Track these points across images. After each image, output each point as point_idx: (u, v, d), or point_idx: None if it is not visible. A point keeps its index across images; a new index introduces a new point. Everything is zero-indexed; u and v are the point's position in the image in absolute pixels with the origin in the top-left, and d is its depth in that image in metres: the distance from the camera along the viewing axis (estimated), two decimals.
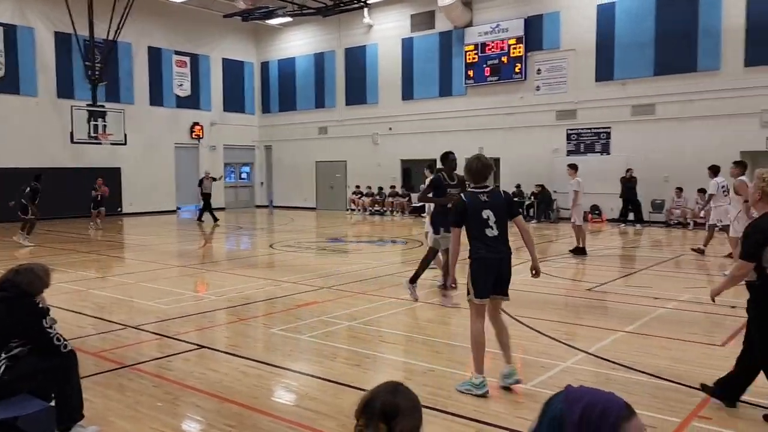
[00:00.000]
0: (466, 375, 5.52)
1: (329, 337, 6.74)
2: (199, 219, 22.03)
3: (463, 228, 5.05)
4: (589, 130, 21.17)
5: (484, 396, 4.80)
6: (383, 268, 11.43)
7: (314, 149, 28.70)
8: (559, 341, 6.36)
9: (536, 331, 6.84)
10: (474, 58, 23.33)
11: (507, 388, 4.99)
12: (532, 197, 21.63)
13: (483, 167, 5.09)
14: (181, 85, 27.51)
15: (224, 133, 29.28)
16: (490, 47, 22.89)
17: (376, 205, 25.63)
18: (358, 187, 26.72)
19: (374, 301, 8.52)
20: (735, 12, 18.14)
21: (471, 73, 23.44)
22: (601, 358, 5.79)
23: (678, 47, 19.02)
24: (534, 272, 5.19)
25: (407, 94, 25.42)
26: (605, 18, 20.39)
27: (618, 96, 20.30)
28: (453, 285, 8.29)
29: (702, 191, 18.20)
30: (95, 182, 20.53)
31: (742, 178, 10.24)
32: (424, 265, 8.67)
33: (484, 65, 23.08)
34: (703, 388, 4.77)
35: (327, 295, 8.96)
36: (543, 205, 21.37)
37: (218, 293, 9.26)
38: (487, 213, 4.93)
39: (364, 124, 26.70)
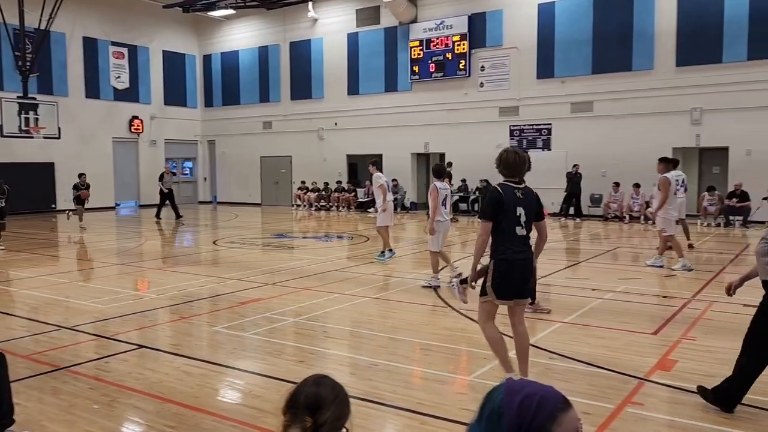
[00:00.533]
0: (409, 368, 5.58)
1: (273, 334, 6.68)
2: (178, 215, 20.51)
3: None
4: (531, 127, 21.65)
5: None
6: (329, 264, 11.40)
7: (259, 144, 28.31)
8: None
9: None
10: (419, 54, 23.49)
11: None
12: (477, 192, 21.98)
13: (521, 161, 4.76)
14: (118, 77, 26.62)
15: (165, 127, 28.53)
16: (435, 43, 23.09)
17: (322, 201, 25.51)
18: (303, 182, 26.52)
19: (319, 296, 8.49)
20: (667, 15, 18.88)
21: (416, 68, 23.59)
22: (541, 348, 5.95)
23: (614, 47, 19.67)
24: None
25: (353, 89, 25.38)
26: (546, 17, 20.87)
27: (558, 93, 20.83)
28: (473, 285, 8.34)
29: (637, 186, 18.96)
30: (80, 178, 19.07)
31: (667, 174, 10.67)
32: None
33: (429, 61, 23.28)
34: (701, 392, 4.55)
35: (271, 291, 8.87)
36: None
37: (159, 291, 9.04)
38: (520, 210, 4.62)
39: (309, 119, 26.51)
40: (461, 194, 22.64)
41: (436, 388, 5.04)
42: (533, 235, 4.84)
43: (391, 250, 11.45)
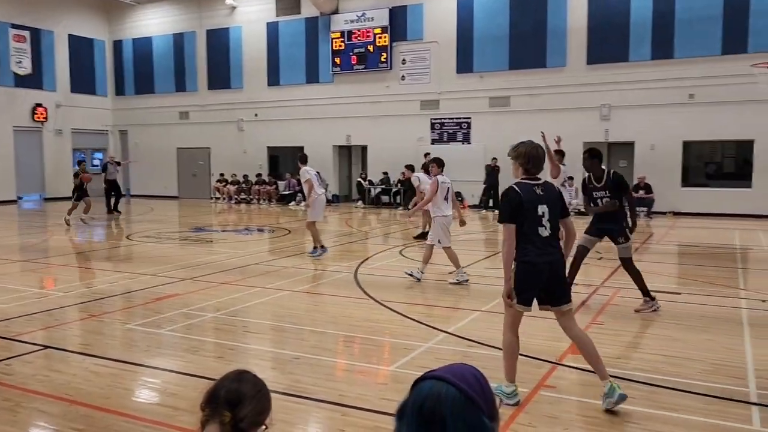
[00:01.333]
0: (332, 361, 5.57)
1: (191, 330, 6.48)
2: (116, 209, 19.71)
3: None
4: (451, 120, 22.05)
5: (515, 405, 4.35)
6: (249, 257, 11.18)
7: (175, 135, 27.33)
8: (422, 323, 6.60)
9: (401, 314, 7.04)
10: (341, 46, 23.38)
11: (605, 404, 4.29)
12: (399, 185, 22.18)
13: (543, 156, 4.48)
14: (20, 62, 24.94)
15: (72, 116, 26.99)
16: (357, 35, 23.06)
17: (242, 194, 24.98)
18: (222, 174, 25.86)
19: (240, 291, 8.31)
20: (578, 14, 19.69)
21: (338, 60, 23.48)
22: (460, 337, 6.08)
23: (529, 44, 20.31)
24: None
25: (273, 79, 24.95)
26: (464, 12, 21.27)
27: (477, 88, 21.31)
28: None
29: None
30: (81, 165, 17.50)
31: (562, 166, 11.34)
32: (637, 277, 7.13)
33: (351, 53, 23.22)
34: None
35: (189, 286, 8.60)
36: (409, 192, 21.97)
37: (67, 289, 8.56)
38: (542, 209, 4.28)
39: (228, 109, 25.85)
40: (383, 187, 22.80)
41: (358, 379, 5.05)
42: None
43: (323, 247, 11.10)
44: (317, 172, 10.97)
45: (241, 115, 25.67)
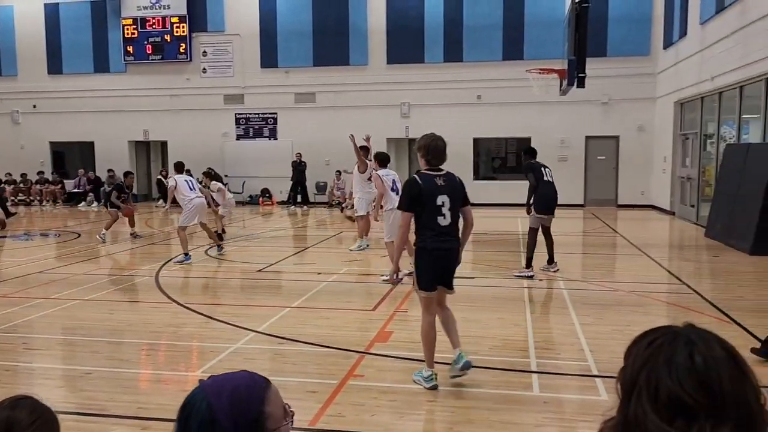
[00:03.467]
0: (130, 372, 5.15)
1: None
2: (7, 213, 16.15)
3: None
4: (257, 115, 21.67)
5: (432, 389, 4.52)
6: (31, 266, 9.94)
7: None
8: (229, 324, 6.39)
9: (206, 316, 6.76)
10: (134, 34, 21.76)
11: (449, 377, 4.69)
12: (202, 182, 21.27)
13: (444, 148, 4.63)
14: None
15: None
16: (151, 23, 21.63)
17: (20, 194, 22.17)
18: None
19: (18, 303, 7.35)
20: (377, 13, 20.48)
21: (131, 49, 21.83)
22: (269, 335, 5.99)
23: (333, 41, 20.67)
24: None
25: (55, 67, 22.46)
26: (267, 6, 20.99)
27: (282, 83, 21.19)
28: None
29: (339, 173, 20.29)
30: (128, 178, 13.82)
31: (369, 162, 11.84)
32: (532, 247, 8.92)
33: (146, 42, 21.73)
34: (753, 351, 4.90)
35: None
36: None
37: None
38: (442, 199, 4.47)
39: (0, 99, 22.73)
40: None
41: (160, 389, 4.75)
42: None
43: (186, 254, 10.25)
44: (188, 179, 10.76)
45: (16, 106, 22.75)
